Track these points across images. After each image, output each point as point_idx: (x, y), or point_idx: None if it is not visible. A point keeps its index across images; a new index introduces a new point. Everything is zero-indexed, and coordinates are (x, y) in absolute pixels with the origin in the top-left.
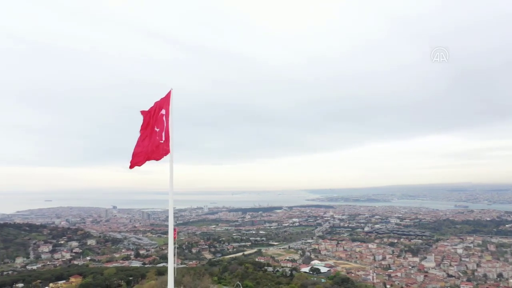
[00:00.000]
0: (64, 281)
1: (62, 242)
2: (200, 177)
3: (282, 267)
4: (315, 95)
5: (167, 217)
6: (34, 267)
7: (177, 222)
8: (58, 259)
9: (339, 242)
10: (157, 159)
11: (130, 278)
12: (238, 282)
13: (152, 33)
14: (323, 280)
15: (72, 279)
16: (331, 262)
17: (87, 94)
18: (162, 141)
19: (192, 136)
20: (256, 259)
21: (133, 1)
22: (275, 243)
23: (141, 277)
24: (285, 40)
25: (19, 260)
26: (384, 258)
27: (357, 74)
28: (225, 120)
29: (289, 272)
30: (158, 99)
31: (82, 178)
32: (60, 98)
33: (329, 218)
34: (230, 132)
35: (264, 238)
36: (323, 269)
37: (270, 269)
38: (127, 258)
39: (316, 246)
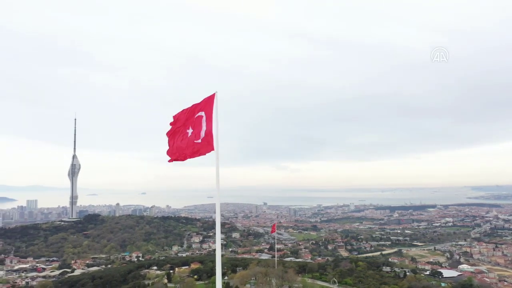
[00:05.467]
0: (187, 267)
1: (211, 234)
2: (347, 174)
3: (403, 268)
4: (470, 77)
5: (313, 214)
6: (184, 255)
7: (321, 219)
8: (205, 249)
9: (498, 245)
10: (192, 156)
11: (236, 267)
12: (334, 279)
13: (289, 32)
14: (443, 284)
15: (192, 265)
16: (483, 267)
17: (240, 101)
18: (199, 142)
19: (336, 132)
20: (390, 259)
21: (262, 3)
22: (420, 244)
23: (245, 266)
24: (420, 20)
25: (175, 248)
26: None
27: None
28: (371, 113)
29: (403, 273)
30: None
31: (239, 177)
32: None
33: (491, 219)
34: (377, 127)
35: (407, 238)
36: (451, 273)
37: (387, 269)
38: (260, 251)
39: (468, 249)
